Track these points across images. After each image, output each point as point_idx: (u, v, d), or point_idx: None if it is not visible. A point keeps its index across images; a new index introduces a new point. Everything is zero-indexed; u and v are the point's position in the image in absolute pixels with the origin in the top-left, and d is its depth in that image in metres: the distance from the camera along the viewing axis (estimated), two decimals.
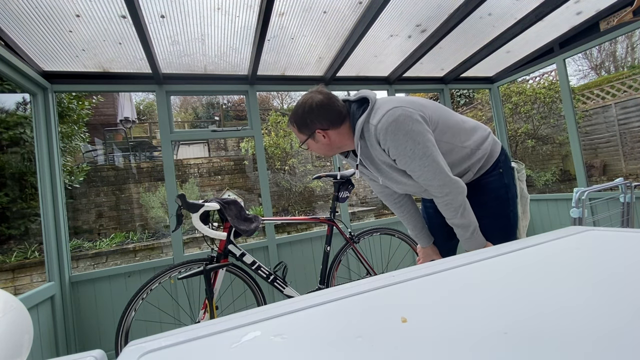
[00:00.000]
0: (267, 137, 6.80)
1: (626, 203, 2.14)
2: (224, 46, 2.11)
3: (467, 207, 1.18)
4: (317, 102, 1.17)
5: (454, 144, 1.22)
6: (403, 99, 1.18)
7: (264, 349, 0.37)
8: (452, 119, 1.25)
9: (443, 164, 1.13)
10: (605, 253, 0.60)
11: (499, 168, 1.28)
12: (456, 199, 1.15)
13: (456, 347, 0.33)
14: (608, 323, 0.34)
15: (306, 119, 1.19)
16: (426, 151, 1.10)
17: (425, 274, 0.58)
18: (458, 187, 1.15)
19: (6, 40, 1.67)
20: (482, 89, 5.97)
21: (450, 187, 1.14)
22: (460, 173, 1.26)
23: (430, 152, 1.11)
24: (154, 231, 6.15)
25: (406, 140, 1.08)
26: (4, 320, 0.47)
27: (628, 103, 6.93)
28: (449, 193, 1.15)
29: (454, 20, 2.19)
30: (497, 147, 1.30)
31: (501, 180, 1.28)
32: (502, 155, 1.30)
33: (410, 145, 1.09)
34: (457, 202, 1.16)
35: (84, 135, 5.84)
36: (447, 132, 1.21)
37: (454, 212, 1.17)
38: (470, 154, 1.24)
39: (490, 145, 1.28)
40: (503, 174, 1.28)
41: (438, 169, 1.12)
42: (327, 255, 2.05)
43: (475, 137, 1.26)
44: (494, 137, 1.31)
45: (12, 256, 4.63)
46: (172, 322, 2.15)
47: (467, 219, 1.18)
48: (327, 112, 1.18)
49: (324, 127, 1.19)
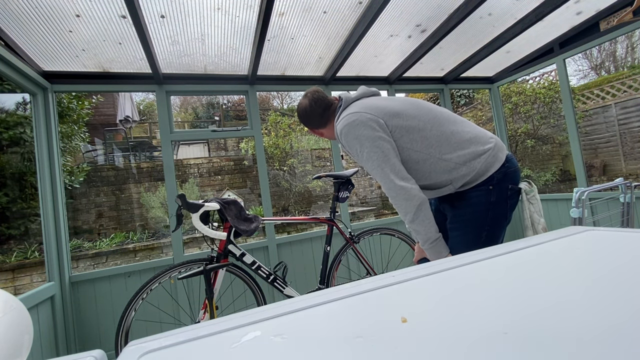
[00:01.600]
0: (267, 137, 6.80)
1: (626, 203, 2.14)
2: (224, 46, 2.11)
3: (419, 216, 1.15)
4: (301, 110, 1.41)
5: (428, 154, 1.20)
6: (368, 105, 1.25)
7: (264, 349, 0.37)
8: (438, 129, 1.20)
9: (389, 170, 1.16)
10: (605, 253, 0.60)
11: (489, 185, 1.18)
12: (401, 205, 1.16)
13: (456, 347, 0.33)
14: (608, 323, 0.34)
15: (301, 121, 1.47)
16: (372, 155, 1.17)
17: (425, 274, 0.58)
18: (405, 194, 1.14)
19: (6, 40, 1.67)
20: (482, 89, 5.97)
21: (395, 192, 1.16)
22: (436, 185, 1.24)
23: (377, 157, 1.17)
24: (154, 231, 6.15)
25: (355, 143, 1.20)
26: (4, 320, 0.47)
27: (628, 103, 6.92)
28: (394, 197, 1.17)
29: (454, 20, 2.19)
30: (494, 164, 1.19)
31: (486, 197, 1.19)
32: (500, 173, 1.19)
33: (358, 148, 1.20)
34: (402, 208, 1.17)
35: (84, 135, 5.84)
36: (419, 142, 1.20)
37: (403, 216, 1.19)
38: (452, 168, 1.19)
39: (484, 163, 1.17)
40: (492, 191, 1.19)
41: (382, 173, 1.17)
42: (327, 255, 2.05)
43: (464, 152, 1.18)
44: (494, 155, 1.19)
45: (12, 256, 4.63)
46: (172, 322, 2.15)
47: (419, 227, 1.16)
48: (309, 118, 1.41)
49: (313, 127, 1.45)
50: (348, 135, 1.21)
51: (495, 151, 1.20)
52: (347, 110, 1.27)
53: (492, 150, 1.19)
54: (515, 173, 1.23)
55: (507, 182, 1.20)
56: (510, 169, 1.21)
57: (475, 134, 1.22)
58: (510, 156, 1.24)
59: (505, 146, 1.30)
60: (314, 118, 1.40)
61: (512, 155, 1.26)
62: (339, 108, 1.34)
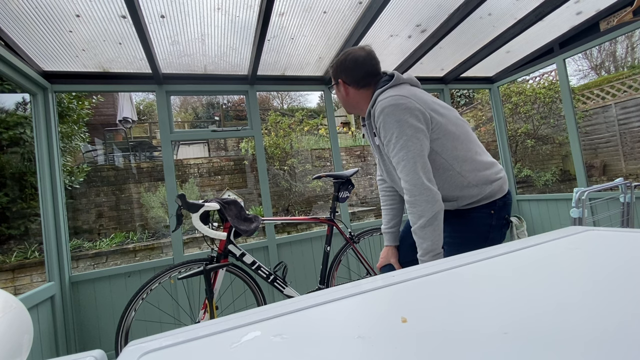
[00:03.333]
0: (267, 137, 6.80)
1: (626, 203, 2.14)
2: (224, 46, 2.11)
3: (433, 224, 1.10)
4: (353, 57, 1.26)
5: (451, 165, 1.19)
6: (419, 96, 1.18)
7: (264, 349, 0.37)
8: (468, 145, 1.21)
9: (420, 166, 1.10)
10: (605, 253, 0.60)
11: (491, 209, 1.22)
12: (420, 206, 1.10)
13: (456, 347, 0.33)
14: (608, 323, 0.34)
15: (338, 67, 1.29)
16: (409, 145, 1.09)
17: (425, 274, 0.58)
18: (429, 195, 1.09)
19: (6, 40, 1.67)
20: (482, 89, 5.97)
21: (419, 191, 1.09)
22: (444, 197, 1.22)
23: (414, 148, 1.10)
24: (154, 231, 6.15)
25: (394, 127, 1.11)
26: (4, 320, 0.47)
27: (628, 103, 6.93)
28: (415, 195, 1.10)
29: (454, 20, 2.19)
30: (499, 193, 1.23)
31: (488, 219, 1.22)
32: (502, 201, 1.23)
33: (396, 133, 1.10)
34: (419, 210, 1.10)
35: (84, 135, 5.83)
36: (450, 150, 1.18)
37: (417, 218, 1.12)
38: (465, 186, 1.19)
39: (493, 189, 1.21)
40: (493, 215, 1.21)
41: (413, 167, 1.10)
42: (327, 255, 2.05)
43: (481, 174, 1.20)
44: (501, 185, 1.23)
45: (12, 256, 4.63)
46: (172, 322, 2.15)
47: (428, 235, 1.10)
48: (355, 70, 1.25)
49: (347, 81, 1.28)
50: (390, 116, 1.11)
51: (503, 181, 1.25)
52: (395, 90, 1.17)
53: (501, 180, 1.24)
54: (511, 206, 1.29)
55: (504, 211, 1.25)
56: (509, 200, 1.27)
57: (492, 162, 1.27)
58: (509, 190, 1.31)
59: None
60: (358, 72, 1.25)
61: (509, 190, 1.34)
62: (384, 82, 1.24)
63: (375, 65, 1.27)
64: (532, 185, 7.32)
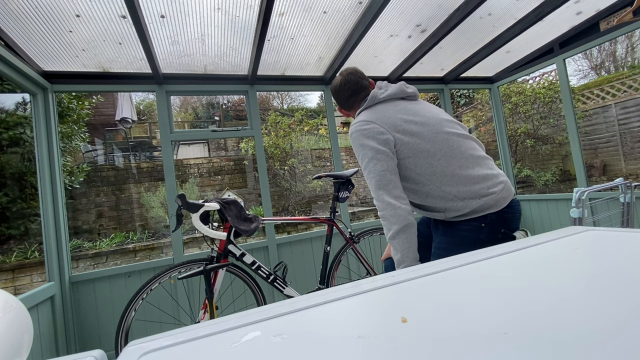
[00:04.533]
0: (267, 137, 6.80)
1: (626, 203, 2.14)
2: (224, 46, 2.11)
3: (401, 237, 1.13)
4: (333, 86, 1.45)
5: (429, 181, 1.19)
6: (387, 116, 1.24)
7: (264, 349, 0.37)
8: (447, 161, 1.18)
9: (381, 185, 1.17)
10: (605, 253, 0.60)
11: (481, 222, 1.16)
12: (386, 219, 1.17)
13: (456, 346, 0.33)
14: (608, 322, 0.34)
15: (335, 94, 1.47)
16: (370, 165, 1.20)
17: (425, 274, 0.58)
18: (391, 210, 1.14)
19: (6, 40, 1.67)
20: (482, 89, 5.97)
21: (383, 206, 1.17)
22: (430, 208, 1.25)
23: (374, 169, 1.19)
24: (154, 231, 6.15)
25: (359, 150, 1.24)
26: (4, 320, 0.47)
27: (628, 103, 6.93)
28: (381, 210, 1.18)
29: (454, 20, 2.19)
30: (492, 207, 1.16)
31: (476, 233, 1.17)
32: (496, 215, 1.16)
33: (361, 155, 1.24)
34: (386, 223, 1.17)
35: (84, 135, 5.83)
36: (424, 167, 1.19)
37: (387, 230, 1.18)
38: (449, 199, 1.18)
39: (481, 204, 1.15)
40: (484, 229, 1.16)
41: (376, 186, 1.19)
42: (327, 255, 2.05)
43: (465, 188, 1.16)
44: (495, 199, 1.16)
45: (12, 256, 4.63)
46: (172, 322, 2.15)
47: (397, 246, 1.14)
48: (338, 97, 1.44)
49: (340, 106, 1.48)
50: (355, 141, 1.25)
51: (499, 196, 1.17)
52: (364, 114, 1.28)
53: (497, 195, 1.16)
54: (513, 220, 1.20)
55: (500, 225, 1.18)
56: (508, 214, 1.18)
57: (485, 176, 1.18)
58: (515, 202, 1.22)
59: (513, 191, 1.24)
60: (341, 98, 1.43)
61: (517, 202, 1.23)
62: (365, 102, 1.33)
63: (352, 87, 1.39)
64: (532, 185, 7.32)
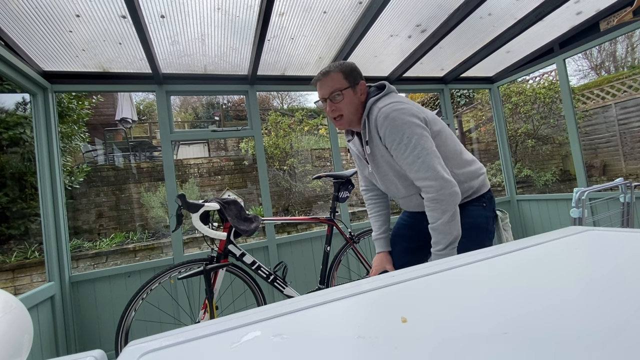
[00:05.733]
0: (267, 137, 6.80)
1: (626, 203, 2.14)
2: (224, 46, 2.11)
3: (456, 217, 1.13)
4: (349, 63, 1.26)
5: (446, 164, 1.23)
6: (413, 103, 1.22)
7: (264, 349, 0.37)
8: (453, 141, 1.28)
9: (437, 161, 1.12)
10: (605, 253, 0.60)
11: (482, 202, 1.29)
12: (446, 200, 1.10)
13: (456, 346, 0.33)
14: (608, 322, 0.34)
15: (353, 70, 1.25)
16: (421, 141, 1.11)
17: (425, 274, 0.58)
18: (451, 188, 1.11)
19: (6, 40, 1.67)
20: (482, 89, 5.97)
21: (441, 185, 1.10)
22: None
23: (426, 144, 1.12)
24: (154, 231, 6.15)
25: (403, 129, 1.12)
26: (4, 320, 0.47)
27: (628, 103, 6.92)
28: (438, 191, 1.10)
29: (454, 20, 2.19)
30: (485, 187, 1.31)
31: (483, 211, 1.28)
32: (488, 195, 1.32)
33: (407, 133, 1.12)
34: (444, 205, 1.11)
35: (84, 135, 5.83)
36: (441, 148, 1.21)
37: (441, 213, 1.11)
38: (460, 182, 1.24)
39: (479, 183, 1.29)
40: (486, 207, 1.29)
41: (431, 163, 1.11)
42: (327, 255, 2.05)
43: (467, 169, 1.27)
44: (485, 179, 1.33)
45: (12, 256, 4.63)
46: (172, 322, 2.15)
47: (451, 228, 1.12)
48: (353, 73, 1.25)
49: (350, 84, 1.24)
50: (396, 120, 1.12)
51: (485, 176, 1.34)
52: (392, 98, 1.20)
53: (484, 175, 1.33)
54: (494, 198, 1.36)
55: (493, 204, 1.33)
56: (491, 193, 1.34)
57: (473, 158, 1.34)
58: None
59: None
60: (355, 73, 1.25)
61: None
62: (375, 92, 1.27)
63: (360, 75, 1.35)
64: (532, 185, 7.32)
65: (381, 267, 1.43)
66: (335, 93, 1.21)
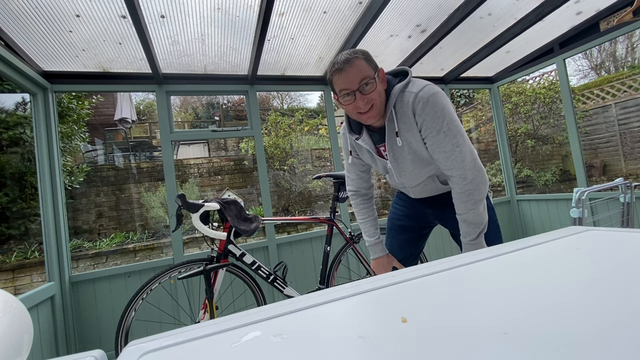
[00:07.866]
0: (267, 137, 6.80)
1: (626, 203, 2.14)
2: (224, 46, 2.11)
3: (485, 205, 1.14)
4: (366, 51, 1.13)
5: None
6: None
7: (264, 349, 0.37)
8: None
9: (471, 147, 1.10)
10: (605, 253, 0.60)
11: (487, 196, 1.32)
12: (479, 188, 1.09)
13: (456, 347, 0.33)
14: (608, 322, 0.34)
15: (370, 56, 1.11)
16: (461, 130, 1.07)
17: (425, 274, 0.58)
18: (484, 175, 1.11)
19: (6, 40, 1.67)
20: (482, 89, 5.97)
21: (477, 172, 1.08)
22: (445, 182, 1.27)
23: (462, 131, 1.08)
24: (154, 231, 6.14)
25: (444, 114, 1.05)
26: (4, 320, 0.47)
27: (628, 103, 6.92)
28: (474, 179, 1.08)
29: (454, 20, 2.19)
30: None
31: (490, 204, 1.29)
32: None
33: (447, 120, 1.05)
34: (479, 192, 1.10)
35: (84, 135, 5.83)
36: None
37: (474, 203, 1.09)
38: None
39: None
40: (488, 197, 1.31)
41: (470, 151, 1.09)
42: (327, 255, 2.05)
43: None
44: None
45: (12, 256, 4.62)
46: (172, 322, 2.15)
47: (483, 218, 1.13)
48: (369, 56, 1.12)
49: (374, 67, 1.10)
50: (440, 100, 1.05)
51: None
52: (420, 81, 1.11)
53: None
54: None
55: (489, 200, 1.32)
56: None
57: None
58: None
59: None
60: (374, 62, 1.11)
61: None
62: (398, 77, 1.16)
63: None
64: (532, 185, 7.32)
65: (389, 267, 1.40)
66: (364, 82, 1.04)
